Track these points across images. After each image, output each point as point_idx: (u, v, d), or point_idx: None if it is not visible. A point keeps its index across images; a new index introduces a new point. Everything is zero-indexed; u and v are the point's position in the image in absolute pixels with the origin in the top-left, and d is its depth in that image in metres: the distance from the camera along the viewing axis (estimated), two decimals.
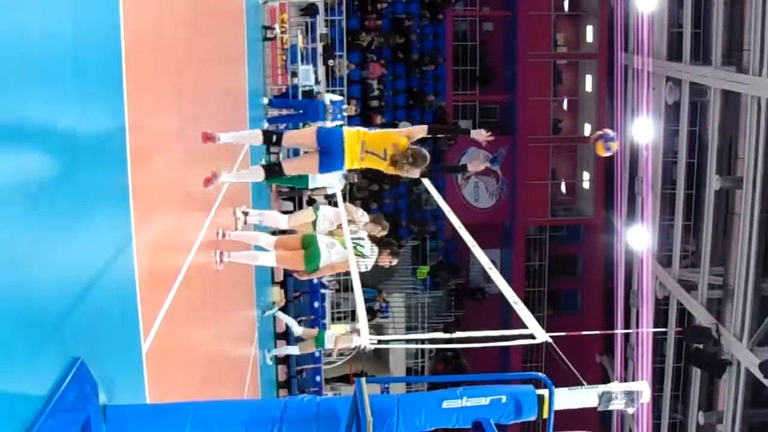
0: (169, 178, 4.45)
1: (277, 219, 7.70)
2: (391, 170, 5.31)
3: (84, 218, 2.88)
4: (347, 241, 4.93)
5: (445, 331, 3.46)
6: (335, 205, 8.13)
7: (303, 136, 5.37)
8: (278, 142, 5.31)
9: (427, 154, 5.33)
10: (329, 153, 5.15)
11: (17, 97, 2.34)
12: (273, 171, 5.34)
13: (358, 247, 6.14)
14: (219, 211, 6.21)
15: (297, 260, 6.26)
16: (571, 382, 3.58)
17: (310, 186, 10.94)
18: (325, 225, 7.51)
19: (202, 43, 6.03)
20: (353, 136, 5.20)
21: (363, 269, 6.12)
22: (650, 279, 16.85)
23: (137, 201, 3.46)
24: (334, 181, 10.04)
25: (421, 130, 5.44)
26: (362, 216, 7.53)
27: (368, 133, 5.30)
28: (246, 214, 6.96)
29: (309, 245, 6.20)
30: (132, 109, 3.46)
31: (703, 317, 14.76)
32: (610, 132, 6.15)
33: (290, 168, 5.45)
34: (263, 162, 10.63)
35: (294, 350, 11.37)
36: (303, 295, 13.31)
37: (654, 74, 17.05)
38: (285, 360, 12.91)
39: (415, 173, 5.28)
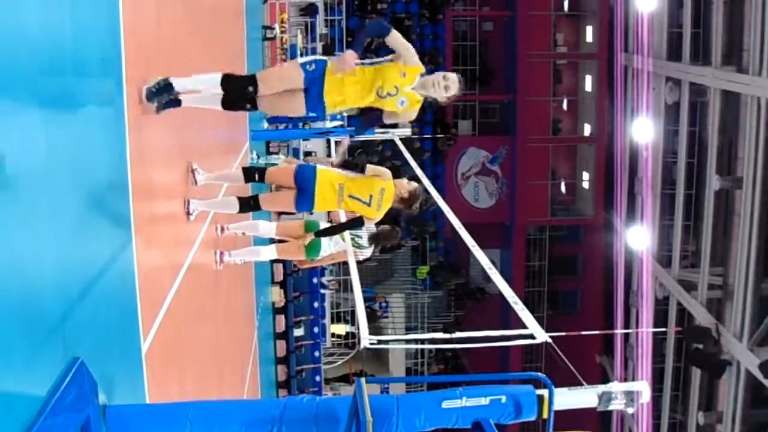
0: (169, 177, 4.45)
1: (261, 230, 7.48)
2: (376, 216, 5.13)
3: (84, 217, 2.87)
4: (346, 236, 5.09)
5: (445, 331, 3.46)
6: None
7: (282, 173, 5.12)
8: (261, 179, 5.09)
9: (418, 191, 5.16)
10: (302, 191, 4.99)
11: (10, 93, 2.34)
12: (248, 205, 5.12)
13: (356, 239, 6.28)
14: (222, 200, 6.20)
15: (298, 250, 6.36)
16: (571, 382, 3.58)
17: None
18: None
19: (202, 42, 6.03)
20: (329, 176, 5.00)
21: (361, 258, 6.33)
22: (650, 279, 16.85)
23: (137, 200, 3.46)
24: None
25: (380, 173, 5.15)
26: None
27: (349, 177, 5.06)
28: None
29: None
30: (131, 110, 3.46)
31: (702, 317, 14.76)
32: None
33: (267, 203, 5.28)
34: (263, 163, 10.61)
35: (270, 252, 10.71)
36: (303, 295, 13.32)
37: (654, 74, 17.05)
38: (284, 360, 12.93)
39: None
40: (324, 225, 6.26)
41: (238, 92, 4.20)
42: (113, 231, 3.26)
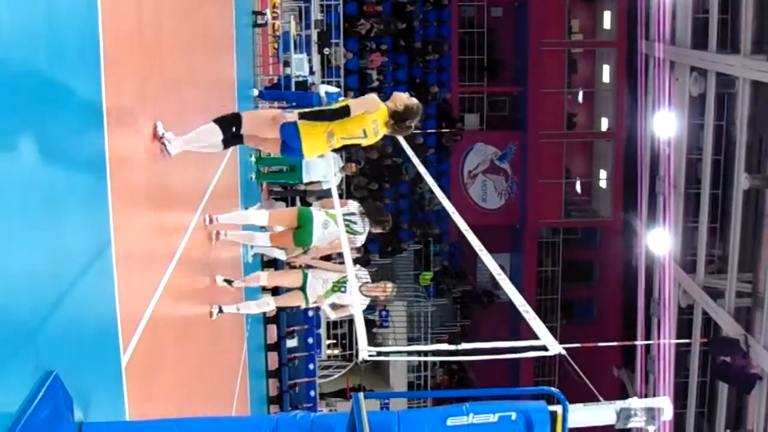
0: (151, 175, 4.45)
1: (253, 233, 7.62)
2: (376, 139, 5.29)
3: (59, 220, 2.88)
4: (339, 219, 5.15)
5: (450, 342, 3.46)
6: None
7: (263, 121, 5.11)
8: (238, 130, 5.02)
9: (416, 106, 5.24)
10: (287, 145, 5.08)
11: None
12: (230, 130, 5.00)
13: (351, 225, 6.71)
14: (205, 212, 6.22)
15: (289, 241, 6.84)
16: (587, 397, 3.58)
17: (304, 180, 10.97)
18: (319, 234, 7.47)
19: (187, 28, 6.04)
20: (312, 133, 5.02)
21: (357, 243, 6.76)
22: (673, 286, 16.85)
23: (116, 201, 3.47)
24: (329, 174, 10.06)
25: (367, 101, 5.21)
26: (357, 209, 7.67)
27: (336, 122, 5.07)
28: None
29: (305, 224, 6.67)
30: (110, 101, 3.46)
31: (730, 327, 14.75)
32: None
33: (252, 139, 5.23)
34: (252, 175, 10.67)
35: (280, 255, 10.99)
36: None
37: (677, 64, 17.06)
38: (276, 373, 12.93)
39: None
40: (320, 220, 6.61)
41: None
42: (90, 235, 3.26)
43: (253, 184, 10.96)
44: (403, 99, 5.19)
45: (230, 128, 4.98)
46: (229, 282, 7.02)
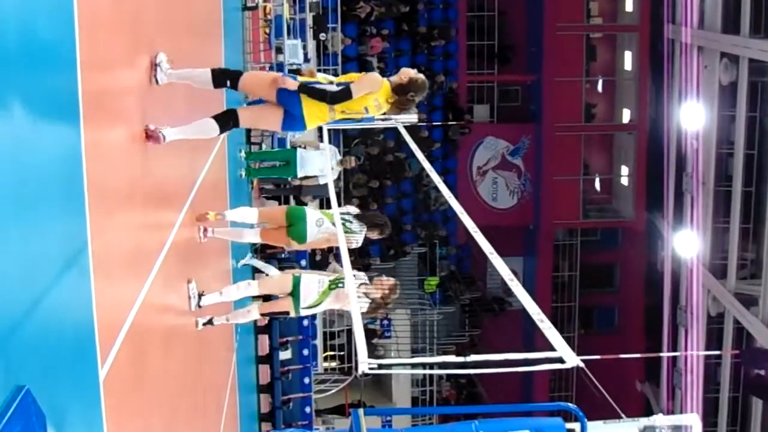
0: (131, 171, 4.46)
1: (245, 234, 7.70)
2: (379, 113, 5.54)
3: (30, 221, 2.88)
4: (336, 218, 5.35)
5: (458, 354, 3.46)
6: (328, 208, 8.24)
7: (261, 82, 5.35)
8: (234, 86, 5.33)
9: (421, 80, 5.43)
10: (290, 114, 5.24)
11: None
12: (227, 122, 5.26)
13: (347, 224, 6.91)
14: (192, 209, 6.22)
15: (281, 238, 7.19)
16: (607, 414, 3.59)
17: (299, 174, 11.01)
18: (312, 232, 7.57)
19: (170, 10, 6.04)
20: (314, 104, 5.24)
21: (354, 245, 6.94)
22: (701, 293, 16.84)
23: (93, 199, 3.47)
24: (326, 168, 10.09)
25: (369, 78, 5.41)
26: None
27: None
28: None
29: (296, 222, 6.93)
30: (86, 89, 3.46)
31: (764, 338, 14.74)
32: None
33: (248, 118, 5.48)
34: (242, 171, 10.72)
35: (273, 271, 11.18)
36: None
37: (706, 49, 17.05)
38: (268, 387, 12.93)
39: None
40: (313, 218, 6.87)
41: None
42: (65, 236, 3.27)
43: (243, 181, 10.97)
44: (409, 73, 5.41)
45: (225, 83, 5.31)
46: (210, 323, 6.67)
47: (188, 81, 5.28)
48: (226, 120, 5.23)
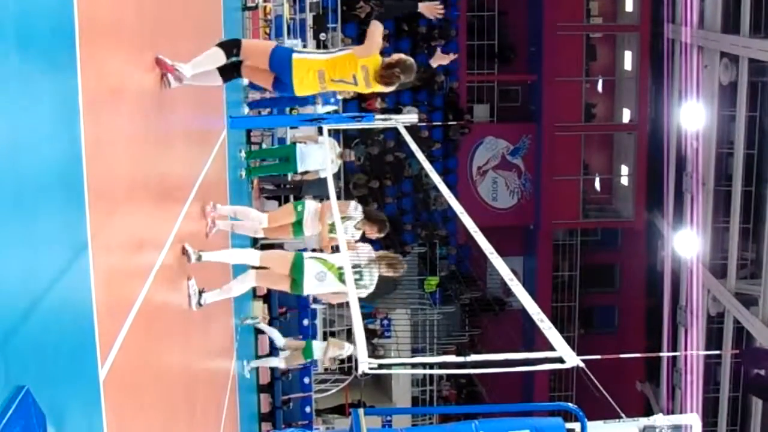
0: (132, 168, 4.46)
1: (253, 218, 7.82)
2: (370, 91, 5.72)
3: (30, 219, 2.88)
4: (347, 271, 4.56)
5: (458, 354, 3.46)
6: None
7: (259, 51, 5.64)
8: (238, 53, 5.56)
9: (410, 62, 5.67)
10: (280, 80, 5.48)
11: None
12: (231, 51, 5.54)
13: (355, 279, 6.12)
14: (193, 205, 6.22)
15: (284, 232, 7.68)
16: (607, 414, 3.59)
17: (299, 169, 11.05)
18: (312, 224, 7.67)
19: (170, 10, 6.04)
20: (306, 65, 5.45)
21: (364, 295, 6.36)
22: (701, 292, 16.84)
23: (93, 196, 3.47)
24: (326, 162, 10.13)
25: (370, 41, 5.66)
26: (355, 210, 7.64)
27: (327, 60, 5.55)
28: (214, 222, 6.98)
29: (296, 276, 6.45)
30: (86, 89, 3.46)
31: (764, 337, 14.74)
32: None
33: (249, 73, 5.77)
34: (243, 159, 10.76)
35: (278, 362, 11.63)
36: (290, 310, 13.33)
37: (706, 49, 17.05)
38: (268, 387, 12.93)
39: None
40: (313, 271, 6.43)
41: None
42: (65, 234, 3.26)
43: (243, 182, 10.98)
44: (401, 55, 5.76)
45: (231, 51, 5.50)
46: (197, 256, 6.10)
47: (201, 68, 5.43)
48: (231, 47, 5.50)
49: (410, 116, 9.39)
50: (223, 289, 6.65)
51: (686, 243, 16.86)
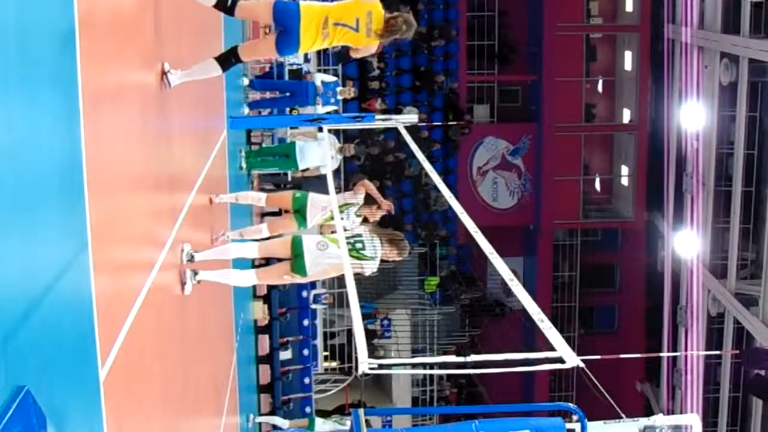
0: (132, 168, 4.46)
1: (253, 196, 8.33)
2: (366, 42, 5.68)
3: (29, 218, 2.88)
4: (341, 243, 4.94)
5: (458, 354, 3.46)
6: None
7: (259, 7, 5.62)
8: (232, 10, 5.52)
9: (411, 19, 5.76)
10: (285, 32, 5.43)
11: None
12: (229, 61, 5.58)
13: (356, 246, 6.02)
14: (193, 205, 6.22)
15: (288, 223, 7.56)
16: (608, 414, 3.59)
17: (300, 167, 11.05)
18: (314, 213, 7.61)
19: (170, 10, 6.04)
20: (313, 11, 5.47)
21: (369, 273, 6.09)
22: (701, 293, 16.84)
23: (94, 196, 3.46)
24: (326, 158, 10.16)
25: None
26: (361, 198, 7.77)
27: (333, 6, 5.60)
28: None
29: (297, 252, 6.12)
30: (86, 88, 3.46)
31: (764, 338, 14.74)
32: None
33: (248, 51, 5.76)
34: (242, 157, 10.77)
35: (283, 423, 12.00)
36: (290, 311, 13.34)
37: (706, 49, 17.05)
38: (269, 387, 12.95)
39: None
40: (312, 243, 6.09)
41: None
42: (65, 234, 3.26)
43: (243, 180, 10.98)
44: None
45: (230, 60, 5.57)
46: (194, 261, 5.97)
47: (192, 79, 5.49)
48: (227, 58, 5.54)
49: (410, 116, 9.40)
50: (223, 272, 6.37)
51: (686, 243, 16.86)
